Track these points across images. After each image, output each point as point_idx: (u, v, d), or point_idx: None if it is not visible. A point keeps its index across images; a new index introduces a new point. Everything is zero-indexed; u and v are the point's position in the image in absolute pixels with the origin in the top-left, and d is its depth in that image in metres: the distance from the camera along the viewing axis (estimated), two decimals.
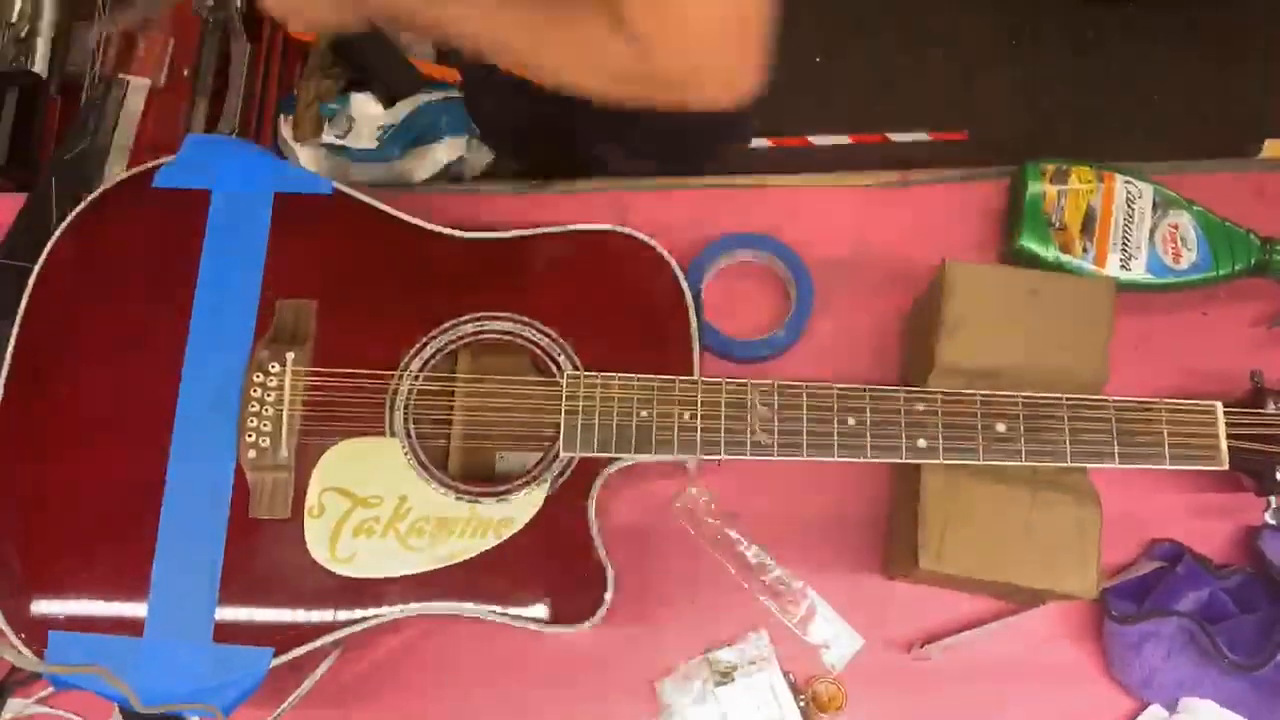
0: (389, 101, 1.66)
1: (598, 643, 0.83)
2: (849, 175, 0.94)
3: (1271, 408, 0.74)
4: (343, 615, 0.74)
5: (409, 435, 0.77)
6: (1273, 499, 0.75)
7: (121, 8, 1.36)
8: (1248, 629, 0.78)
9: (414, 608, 0.74)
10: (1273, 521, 0.75)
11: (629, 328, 0.79)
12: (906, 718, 0.82)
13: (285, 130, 1.67)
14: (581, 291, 0.80)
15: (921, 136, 1.95)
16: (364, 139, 1.63)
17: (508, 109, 1.08)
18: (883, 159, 1.92)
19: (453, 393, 0.80)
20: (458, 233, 0.82)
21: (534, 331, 0.79)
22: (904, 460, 0.74)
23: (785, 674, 0.82)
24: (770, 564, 0.84)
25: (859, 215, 0.92)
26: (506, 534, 0.75)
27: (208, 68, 1.55)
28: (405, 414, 0.77)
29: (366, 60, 1.65)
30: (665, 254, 0.80)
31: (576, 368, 0.77)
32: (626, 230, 0.81)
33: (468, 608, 0.74)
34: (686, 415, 0.75)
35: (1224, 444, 0.73)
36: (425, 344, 0.78)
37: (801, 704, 0.81)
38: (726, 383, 0.75)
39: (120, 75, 1.34)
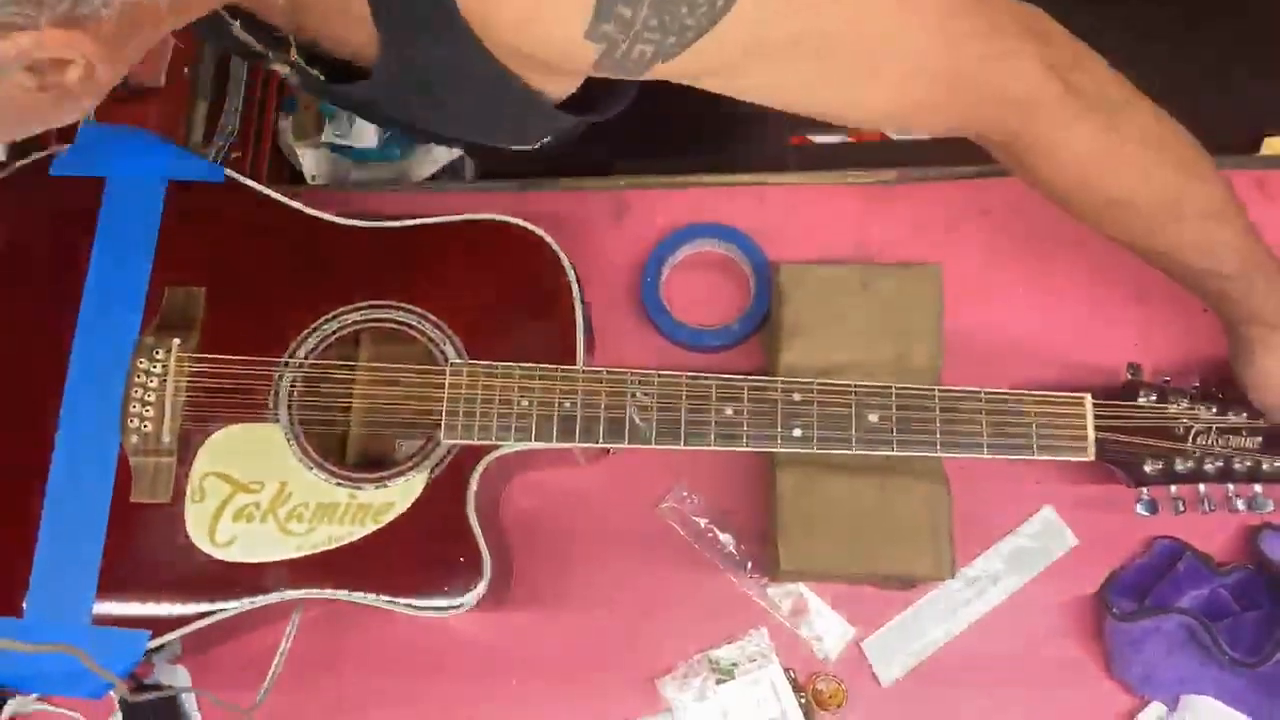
0: None
1: (599, 641, 0.84)
2: (849, 173, 0.93)
3: (1143, 400, 0.75)
4: (220, 599, 0.74)
5: (292, 422, 0.77)
6: (1144, 490, 0.75)
7: None
8: (1248, 626, 0.79)
9: (292, 594, 0.74)
10: (1144, 513, 0.75)
11: (517, 318, 0.80)
12: (906, 714, 0.82)
13: (287, 130, 1.67)
14: (472, 281, 0.80)
15: (921, 134, 1.94)
16: (365, 138, 1.63)
17: None
18: (882, 157, 1.93)
19: (351, 380, 0.80)
20: (351, 222, 0.82)
21: (420, 320, 0.79)
22: (779, 449, 0.75)
23: (787, 671, 0.82)
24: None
25: (858, 213, 0.92)
26: (385, 520, 0.75)
27: (208, 66, 1.54)
28: (290, 400, 0.78)
29: None
30: (555, 246, 0.81)
31: (461, 356, 0.78)
32: (517, 221, 0.81)
33: (344, 594, 0.74)
34: (567, 404, 0.76)
35: (1091, 435, 0.74)
36: (312, 332, 0.79)
37: (802, 701, 0.81)
38: (607, 372, 0.76)
39: None
